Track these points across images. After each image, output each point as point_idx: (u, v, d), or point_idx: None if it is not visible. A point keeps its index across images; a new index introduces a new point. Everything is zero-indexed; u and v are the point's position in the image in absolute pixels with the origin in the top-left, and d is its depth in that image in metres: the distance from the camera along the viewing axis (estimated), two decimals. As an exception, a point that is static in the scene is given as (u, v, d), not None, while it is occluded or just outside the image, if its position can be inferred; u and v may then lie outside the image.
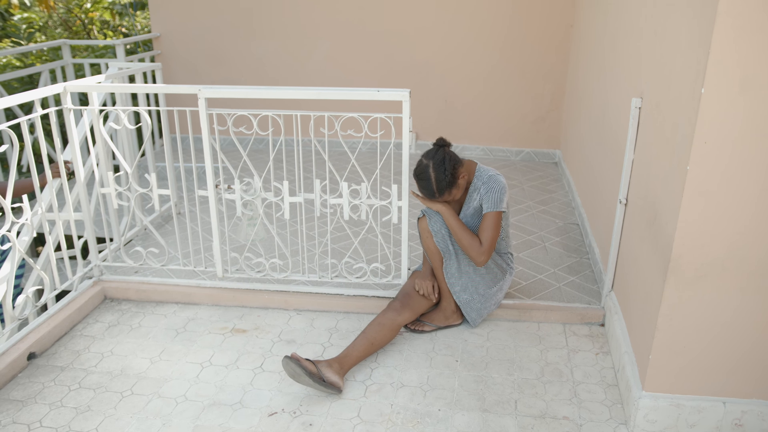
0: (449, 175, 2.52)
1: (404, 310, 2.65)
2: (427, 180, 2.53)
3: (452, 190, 2.56)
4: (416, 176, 2.57)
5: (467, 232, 2.61)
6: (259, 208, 2.89)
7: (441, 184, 2.52)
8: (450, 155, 2.55)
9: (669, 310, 2.02)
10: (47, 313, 2.80)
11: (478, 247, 2.59)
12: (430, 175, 2.52)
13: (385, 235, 3.48)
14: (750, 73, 1.73)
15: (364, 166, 4.76)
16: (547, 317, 2.87)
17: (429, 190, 2.56)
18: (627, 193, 2.63)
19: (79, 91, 2.92)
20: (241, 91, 2.76)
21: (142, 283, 3.11)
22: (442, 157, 2.53)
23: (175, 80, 5.51)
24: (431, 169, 2.52)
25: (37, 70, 4.90)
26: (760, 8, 1.67)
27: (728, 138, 1.80)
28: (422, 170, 2.55)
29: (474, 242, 2.60)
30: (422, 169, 2.55)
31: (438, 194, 2.55)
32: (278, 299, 2.99)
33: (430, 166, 2.53)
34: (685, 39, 1.97)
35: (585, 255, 3.46)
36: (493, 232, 2.59)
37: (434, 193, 2.55)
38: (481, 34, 5.02)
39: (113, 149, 2.98)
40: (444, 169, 2.51)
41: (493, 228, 2.59)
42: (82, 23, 8.40)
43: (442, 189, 2.54)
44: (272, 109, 2.82)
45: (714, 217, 1.89)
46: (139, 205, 3.11)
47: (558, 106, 5.14)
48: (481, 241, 2.60)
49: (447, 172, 2.51)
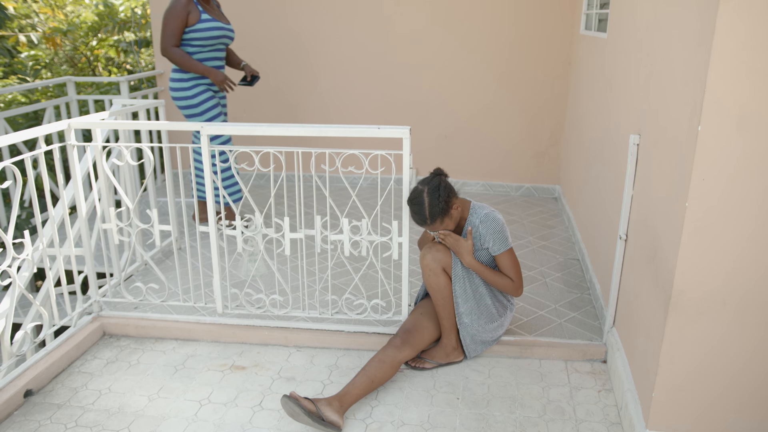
0: (443, 203, 2.52)
1: (405, 347, 2.63)
2: (420, 205, 2.53)
3: (444, 218, 2.56)
4: (410, 201, 2.58)
5: (496, 274, 2.69)
6: (260, 244, 2.90)
7: (434, 210, 2.52)
8: (445, 183, 2.56)
9: (671, 347, 2.01)
10: (45, 350, 2.78)
11: (511, 284, 2.69)
12: (423, 200, 2.53)
13: (385, 271, 3.47)
14: (746, 112, 1.76)
15: (364, 201, 4.78)
16: (548, 354, 2.84)
17: (421, 216, 2.55)
18: (627, 229, 2.63)
19: (83, 128, 2.95)
20: (243, 128, 2.79)
21: (141, 319, 3.10)
22: (438, 183, 2.54)
23: (177, 116, 5.57)
24: (425, 194, 2.53)
25: (42, 106, 4.96)
26: (754, 49, 1.70)
27: (726, 175, 1.82)
28: (416, 195, 2.56)
29: (506, 282, 2.69)
30: (416, 194, 2.56)
31: (430, 220, 2.54)
32: (278, 336, 2.98)
33: (424, 192, 2.53)
34: (681, 77, 2.00)
35: (586, 291, 3.45)
36: (517, 266, 2.70)
37: (426, 219, 2.54)
38: (480, 71, 5.09)
39: (115, 185, 3.01)
40: (438, 195, 2.52)
41: (514, 264, 2.69)
42: (87, 60, 8.53)
43: (434, 215, 2.53)
44: (273, 145, 2.85)
45: (714, 253, 1.89)
46: (139, 240, 3.11)
47: (557, 142, 5.18)
48: (512, 279, 2.69)
49: (441, 199, 2.52)
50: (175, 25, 3.84)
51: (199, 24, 3.87)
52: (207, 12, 3.94)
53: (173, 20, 3.84)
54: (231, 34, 4.08)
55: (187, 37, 3.90)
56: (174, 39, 3.87)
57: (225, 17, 4.13)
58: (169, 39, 3.87)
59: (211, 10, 4.00)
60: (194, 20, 3.86)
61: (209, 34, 3.91)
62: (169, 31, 3.86)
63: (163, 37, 3.88)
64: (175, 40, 3.88)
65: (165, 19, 3.88)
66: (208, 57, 4.01)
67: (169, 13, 3.86)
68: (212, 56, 4.03)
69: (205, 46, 3.95)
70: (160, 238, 3.04)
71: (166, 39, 3.87)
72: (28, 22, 9.20)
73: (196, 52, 3.95)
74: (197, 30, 3.88)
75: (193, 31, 3.88)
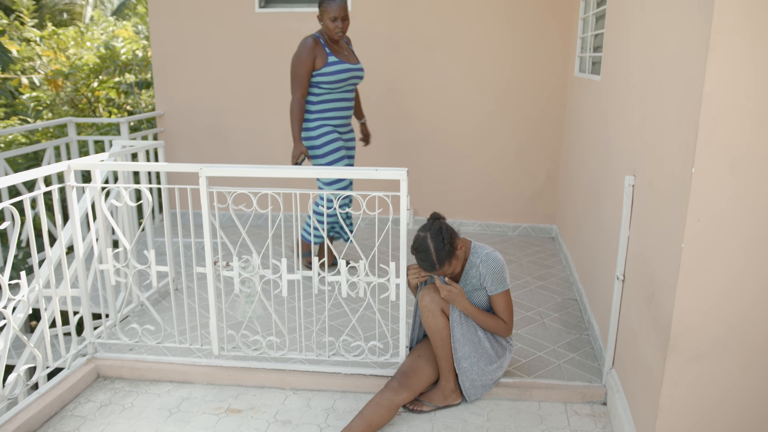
0: (448, 245, 2.53)
1: (402, 390, 2.60)
2: (426, 251, 2.54)
3: (452, 260, 2.57)
4: (414, 250, 2.58)
5: (488, 317, 2.69)
6: (257, 285, 2.89)
7: (441, 254, 2.53)
8: (446, 226, 2.58)
9: (671, 390, 1.99)
10: (38, 392, 2.74)
11: (504, 327, 2.72)
12: (428, 246, 2.53)
13: (383, 312, 3.46)
14: (738, 153, 1.78)
15: (362, 242, 4.79)
16: (548, 396, 2.81)
17: (429, 262, 2.55)
18: (624, 270, 2.64)
19: (83, 169, 2.97)
20: (242, 170, 2.81)
21: (136, 360, 3.06)
22: (439, 227, 2.55)
23: (177, 156, 5.61)
24: (429, 240, 2.53)
25: (42, 146, 5.00)
26: (745, 92, 1.74)
27: (721, 216, 1.83)
28: (420, 242, 2.56)
29: (498, 324, 2.71)
30: (420, 241, 2.56)
31: (438, 265, 2.55)
32: (274, 378, 2.94)
33: (427, 238, 2.54)
34: (674, 119, 2.03)
35: (585, 331, 3.43)
36: (510, 309, 2.72)
37: (435, 264, 2.54)
38: (476, 111, 5.15)
39: (113, 226, 3.01)
40: (442, 238, 2.53)
41: (508, 306, 2.72)
42: (88, 101, 8.63)
43: (442, 259, 2.54)
44: (272, 185, 2.87)
45: (712, 295, 1.89)
46: (136, 281, 3.10)
47: (554, 182, 5.22)
48: (505, 321, 2.72)
49: (446, 242, 2.53)
50: (302, 71, 3.79)
51: (325, 67, 3.80)
52: (335, 53, 3.86)
53: (300, 66, 3.79)
54: (360, 74, 3.98)
55: (314, 81, 3.83)
56: (300, 87, 3.82)
57: (354, 56, 4.03)
58: (295, 86, 3.83)
59: (339, 50, 3.91)
60: (321, 64, 3.79)
61: (336, 77, 3.83)
62: (297, 78, 3.81)
63: (291, 82, 3.85)
64: (301, 87, 3.82)
65: (292, 65, 3.83)
66: (336, 98, 3.92)
67: (296, 59, 3.81)
68: (340, 97, 3.93)
69: (333, 89, 3.87)
70: (157, 278, 3.03)
71: (293, 85, 3.84)
72: (30, 64, 9.34)
73: (324, 94, 3.86)
74: (324, 74, 3.80)
75: (320, 75, 3.81)
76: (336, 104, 3.93)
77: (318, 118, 3.91)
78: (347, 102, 3.99)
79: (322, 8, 3.77)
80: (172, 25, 5.44)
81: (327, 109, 3.91)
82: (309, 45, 3.78)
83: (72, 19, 13.60)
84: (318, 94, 3.87)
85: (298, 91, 3.84)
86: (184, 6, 5.38)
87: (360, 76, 3.98)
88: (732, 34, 1.72)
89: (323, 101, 3.89)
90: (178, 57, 5.49)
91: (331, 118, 3.94)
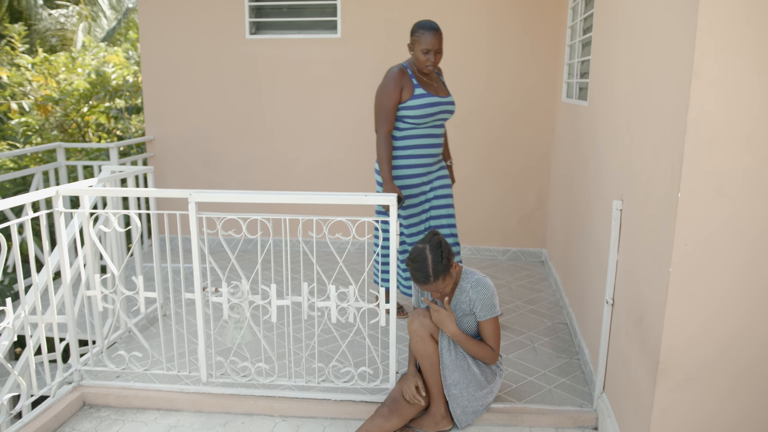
0: (445, 260, 2.53)
1: (392, 417, 2.58)
2: (423, 262, 2.52)
3: (446, 277, 2.55)
4: (411, 260, 2.56)
5: (475, 344, 2.68)
6: (246, 311, 2.87)
7: (437, 267, 2.51)
8: (445, 242, 2.57)
9: (661, 414, 1.98)
10: (21, 422, 2.69)
11: (491, 353, 2.71)
12: (426, 257, 2.52)
13: (372, 338, 3.44)
14: (725, 178, 1.80)
15: (351, 267, 4.77)
16: (539, 421, 2.79)
17: (424, 273, 2.53)
18: (613, 294, 2.64)
19: (71, 194, 2.96)
20: (231, 195, 2.81)
21: (123, 388, 3.02)
22: (438, 241, 2.55)
23: (166, 181, 5.60)
24: (428, 251, 2.52)
25: (31, 171, 4.98)
26: (729, 117, 1.77)
27: (708, 240, 1.85)
28: (418, 253, 2.54)
29: (486, 351, 2.69)
30: (418, 252, 2.55)
31: (433, 278, 2.53)
32: (263, 405, 2.91)
33: (426, 249, 2.53)
34: (660, 145, 2.06)
35: (575, 355, 3.43)
36: (497, 335, 2.72)
37: (429, 276, 2.52)
38: (465, 136, 5.19)
39: (101, 251, 2.99)
40: (441, 252, 2.52)
41: (495, 333, 2.71)
42: (77, 126, 8.62)
43: (437, 272, 2.52)
44: (261, 211, 2.86)
45: (700, 318, 1.90)
46: (124, 307, 3.07)
47: (543, 206, 5.25)
48: (492, 347, 2.71)
49: (443, 256, 2.52)
50: (388, 103, 3.43)
51: (411, 100, 3.43)
52: (422, 85, 3.47)
53: (385, 98, 3.44)
54: (450, 107, 3.57)
55: (399, 114, 3.47)
56: (386, 121, 3.45)
57: (445, 88, 3.62)
58: (380, 121, 3.47)
59: (428, 82, 3.52)
60: (407, 96, 3.43)
61: (423, 111, 3.44)
62: (382, 112, 3.46)
63: (375, 117, 3.50)
64: (387, 122, 3.45)
65: (377, 97, 3.49)
66: (424, 134, 3.52)
67: (381, 91, 3.47)
68: (428, 133, 3.54)
69: (419, 123, 3.48)
70: (145, 304, 3.01)
71: (377, 120, 3.48)
72: (20, 90, 9.34)
73: (410, 128, 3.49)
74: (409, 107, 3.43)
75: (405, 108, 3.44)
76: (423, 140, 3.54)
77: (402, 156, 3.54)
78: (436, 138, 3.59)
79: (414, 38, 3.42)
80: (162, 51, 5.48)
81: (412, 146, 3.53)
82: (395, 75, 3.43)
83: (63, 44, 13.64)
84: (402, 129, 3.51)
85: (383, 126, 3.47)
86: (175, 32, 5.42)
87: (450, 110, 3.59)
88: (716, 60, 1.75)
89: (407, 137, 3.52)
90: (169, 82, 5.51)
91: (418, 156, 3.55)
